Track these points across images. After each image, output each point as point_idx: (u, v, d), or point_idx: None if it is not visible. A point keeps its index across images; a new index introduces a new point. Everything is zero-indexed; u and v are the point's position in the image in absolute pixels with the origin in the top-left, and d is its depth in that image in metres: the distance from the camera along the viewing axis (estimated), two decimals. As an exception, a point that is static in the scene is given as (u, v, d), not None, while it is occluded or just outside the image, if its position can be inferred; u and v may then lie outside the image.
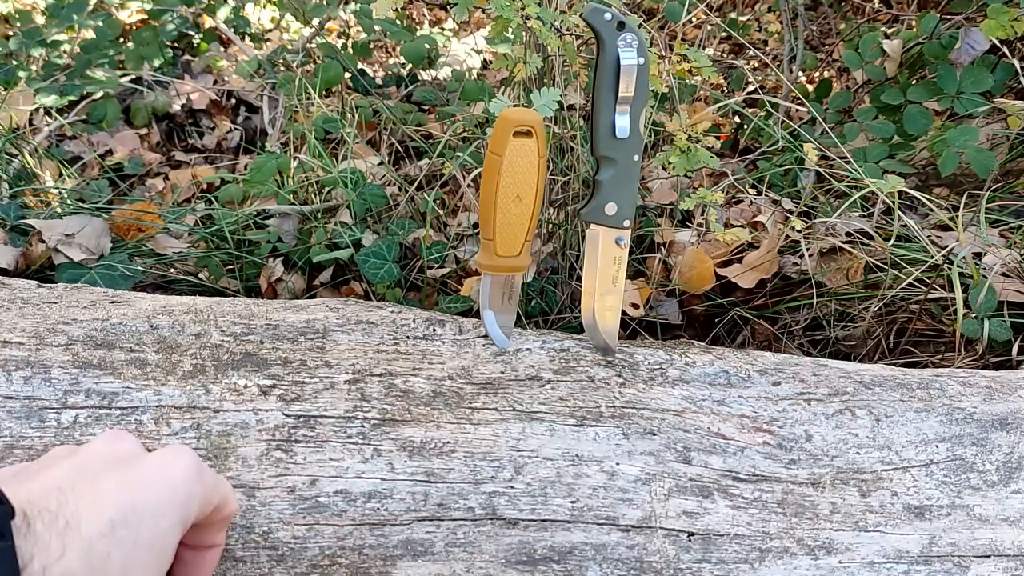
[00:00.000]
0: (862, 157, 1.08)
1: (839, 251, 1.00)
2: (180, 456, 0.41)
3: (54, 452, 0.42)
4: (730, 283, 1.02)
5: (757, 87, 1.38)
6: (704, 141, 0.87)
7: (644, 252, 1.05)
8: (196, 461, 0.42)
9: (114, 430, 0.45)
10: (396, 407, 0.56)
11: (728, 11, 1.71)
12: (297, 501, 0.51)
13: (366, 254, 0.99)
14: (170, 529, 0.38)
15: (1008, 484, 0.59)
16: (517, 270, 0.61)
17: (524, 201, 0.58)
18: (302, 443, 0.53)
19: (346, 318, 0.63)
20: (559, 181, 0.98)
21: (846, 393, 0.63)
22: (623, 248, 0.61)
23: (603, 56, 0.54)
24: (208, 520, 0.43)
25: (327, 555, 0.50)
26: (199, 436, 0.52)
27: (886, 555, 0.55)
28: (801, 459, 0.58)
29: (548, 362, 0.62)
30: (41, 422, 0.51)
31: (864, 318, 0.93)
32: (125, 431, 0.45)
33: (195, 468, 0.41)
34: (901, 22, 1.51)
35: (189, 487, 0.40)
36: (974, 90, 1.07)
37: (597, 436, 0.57)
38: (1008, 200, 1.04)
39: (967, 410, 0.63)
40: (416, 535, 0.51)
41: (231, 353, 0.58)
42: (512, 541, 0.52)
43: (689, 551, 0.53)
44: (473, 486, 0.53)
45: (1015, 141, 1.13)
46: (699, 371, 0.63)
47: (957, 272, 0.86)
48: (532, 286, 0.97)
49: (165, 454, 0.41)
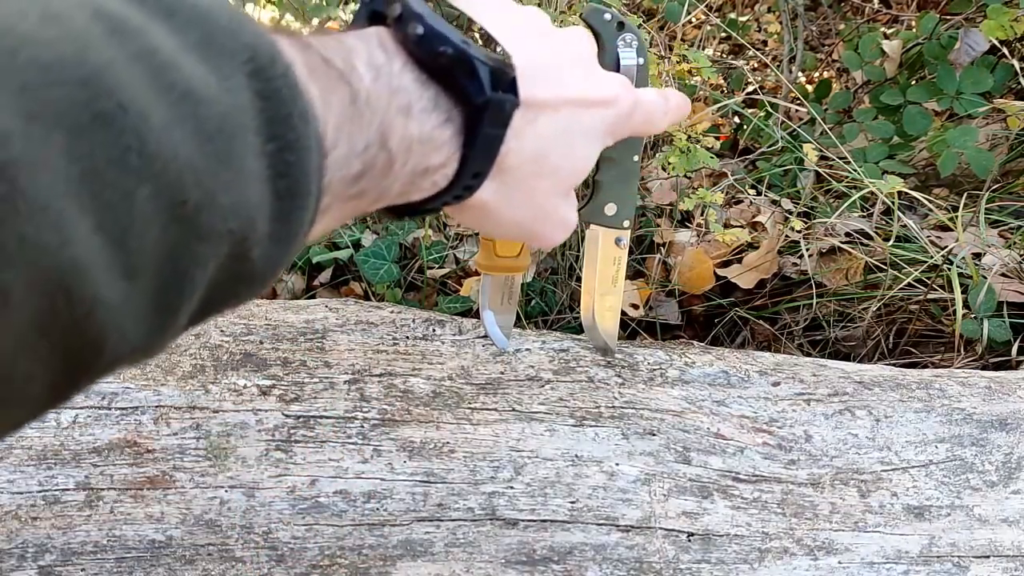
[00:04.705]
0: (862, 157, 1.08)
1: (839, 251, 1.00)
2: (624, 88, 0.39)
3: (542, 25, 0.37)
4: (730, 283, 1.02)
5: (757, 87, 1.38)
6: (704, 141, 0.87)
7: (644, 252, 1.05)
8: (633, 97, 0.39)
9: None
10: (396, 407, 0.56)
11: (728, 11, 1.71)
12: (297, 501, 0.51)
13: (366, 254, 0.99)
14: (596, 149, 0.38)
15: (1008, 484, 0.59)
16: (517, 270, 0.61)
17: (524, 201, 0.57)
18: (302, 443, 0.53)
19: (346, 318, 0.63)
20: (559, 181, 0.98)
21: (846, 393, 0.63)
22: (623, 248, 0.61)
23: (603, 56, 0.54)
24: None
25: (327, 555, 0.50)
26: (199, 436, 0.52)
27: (886, 555, 0.55)
28: (801, 459, 0.58)
29: (548, 362, 0.62)
30: (41, 422, 0.51)
31: (864, 318, 0.93)
32: None
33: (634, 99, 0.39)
34: (901, 22, 1.51)
35: (630, 122, 0.39)
36: (974, 90, 1.07)
37: (597, 436, 0.57)
38: (1007, 200, 1.04)
39: (967, 410, 0.63)
40: (416, 535, 0.51)
41: (231, 353, 0.58)
42: (512, 541, 0.52)
43: (688, 551, 0.53)
44: (473, 486, 0.53)
45: (1015, 141, 1.13)
46: (699, 371, 0.63)
47: (957, 272, 0.86)
48: (532, 286, 0.97)
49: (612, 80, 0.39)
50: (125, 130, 0.17)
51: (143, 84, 0.18)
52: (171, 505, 0.50)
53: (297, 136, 0.21)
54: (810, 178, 1.09)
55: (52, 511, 0.49)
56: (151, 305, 0.19)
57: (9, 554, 0.48)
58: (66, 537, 0.49)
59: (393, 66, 0.27)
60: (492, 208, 0.34)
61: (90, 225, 0.17)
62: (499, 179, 0.33)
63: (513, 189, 0.34)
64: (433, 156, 0.29)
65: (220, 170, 0.19)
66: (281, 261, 0.23)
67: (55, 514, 0.49)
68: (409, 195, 0.30)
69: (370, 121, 0.26)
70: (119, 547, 0.49)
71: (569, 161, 0.36)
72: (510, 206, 0.35)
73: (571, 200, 0.39)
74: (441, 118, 0.28)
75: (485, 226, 0.38)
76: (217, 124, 0.19)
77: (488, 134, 0.30)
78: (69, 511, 0.49)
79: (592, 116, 0.36)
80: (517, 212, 0.36)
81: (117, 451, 0.51)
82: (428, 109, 0.28)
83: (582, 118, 0.36)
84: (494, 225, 0.37)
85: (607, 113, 0.37)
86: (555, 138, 0.34)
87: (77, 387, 0.20)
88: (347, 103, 0.25)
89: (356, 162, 0.25)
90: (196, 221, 0.19)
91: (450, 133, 0.29)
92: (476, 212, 0.35)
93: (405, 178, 0.28)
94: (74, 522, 0.49)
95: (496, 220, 0.36)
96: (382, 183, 0.27)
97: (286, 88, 0.21)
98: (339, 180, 0.25)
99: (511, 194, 0.34)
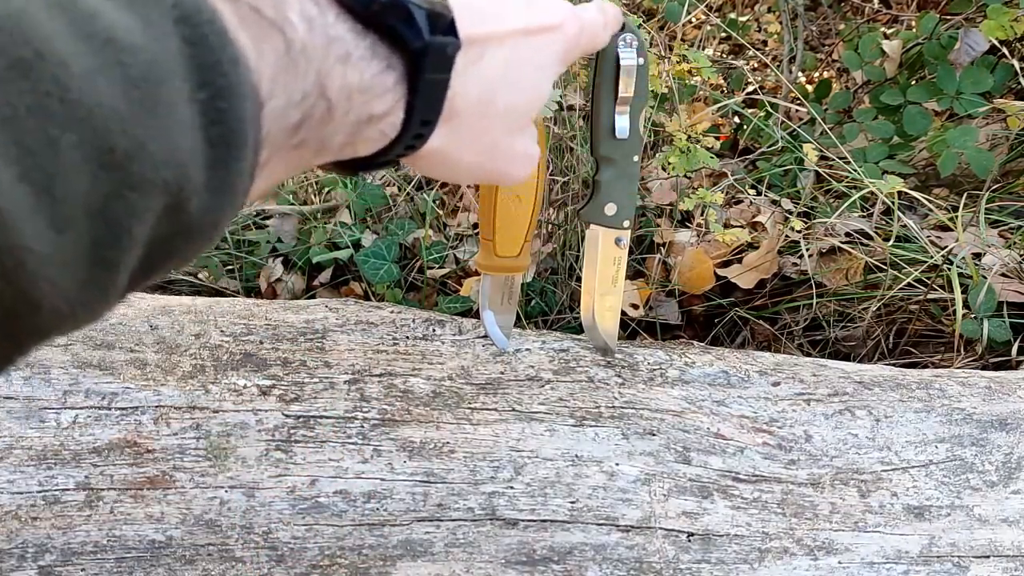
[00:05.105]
0: (862, 157, 1.08)
1: (839, 251, 1.00)
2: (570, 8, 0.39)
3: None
4: (730, 283, 1.02)
5: (757, 87, 1.38)
6: (703, 141, 0.87)
7: (644, 252, 1.05)
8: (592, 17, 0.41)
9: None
10: (396, 407, 0.56)
11: (728, 11, 1.71)
12: (297, 501, 0.51)
13: (366, 254, 0.99)
14: (550, 78, 0.38)
15: (1008, 484, 0.59)
16: (517, 270, 0.61)
17: (524, 201, 0.58)
18: (302, 443, 0.53)
19: (346, 318, 0.63)
20: (559, 181, 0.98)
21: (846, 393, 0.63)
22: (623, 248, 0.61)
23: (603, 56, 0.54)
24: None
25: (327, 555, 0.50)
26: (199, 436, 0.52)
27: (886, 555, 0.55)
28: (801, 459, 0.58)
29: (548, 362, 0.62)
30: (41, 422, 0.51)
31: (864, 318, 0.93)
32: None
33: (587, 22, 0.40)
34: (901, 22, 1.51)
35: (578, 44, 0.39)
36: (974, 90, 1.07)
37: (597, 436, 0.57)
38: (1007, 200, 1.04)
39: (967, 410, 0.63)
40: (416, 535, 0.51)
41: (231, 353, 0.58)
42: (512, 541, 0.52)
43: (688, 551, 0.53)
44: (473, 486, 0.53)
45: (1015, 141, 1.13)
46: (699, 371, 0.63)
47: (956, 272, 0.86)
48: (532, 286, 0.97)
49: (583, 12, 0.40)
50: (44, 77, 0.17)
51: (63, 32, 0.18)
52: (171, 505, 0.50)
53: (228, 83, 0.21)
54: (810, 178, 1.09)
55: (52, 511, 0.49)
56: (87, 258, 0.19)
57: (9, 554, 0.48)
58: (66, 537, 0.49)
59: (327, 17, 0.26)
60: (447, 154, 0.34)
61: (14, 174, 0.17)
62: (449, 124, 0.32)
63: (465, 132, 0.34)
64: (376, 104, 0.28)
65: (148, 118, 0.19)
66: (221, 213, 0.23)
67: (55, 514, 0.49)
68: (357, 147, 0.30)
69: (306, 70, 0.25)
70: (119, 547, 0.49)
71: (521, 95, 0.36)
72: (465, 149, 0.35)
73: (529, 133, 0.39)
74: (381, 65, 0.28)
75: (443, 172, 0.37)
76: (143, 71, 0.19)
77: (431, 80, 0.29)
78: (69, 511, 0.49)
79: (540, 45, 0.36)
80: (473, 155, 0.35)
81: (117, 451, 0.51)
82: (367, 57, 0.27)
83: (529, 48, 0.35)
84: (451, 171, 0.36)
85: (555, 39, 0.37)
86: (503, 74, 0.34)
87: (20, 348, 0.20)
88: (281, 52, 0.24)
89: (294, 112, 0.25)
90: (127, 170, 0.19)
91: (392, 80, 0.28)
92: (432, 160, 0.34)
93: (349, 128, 0.28)
94: (74, 522, 0.49)
95: (453, 165, 0.36)
96: (322, 132, 0.27)
97: (213, 35, 0.21)
98: (278, 131, 0.25)
99: (464, 137, 0.34)
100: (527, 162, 0.40)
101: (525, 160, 0.39)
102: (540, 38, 0.36)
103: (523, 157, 0.39)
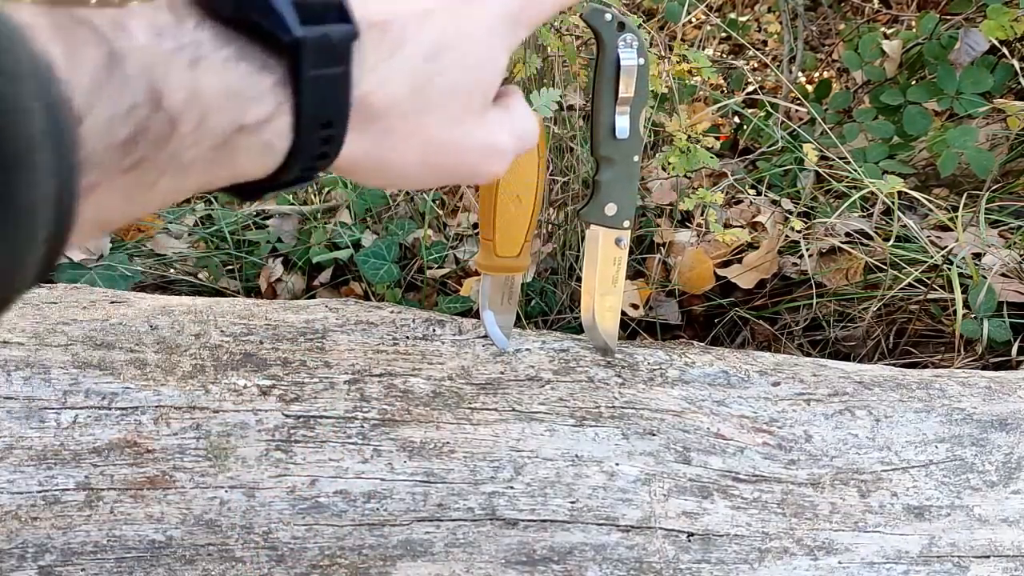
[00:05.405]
0: (862, 157, 1.08)
1: (839, 251, 1.00)
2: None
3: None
4: (730, 283, 1.02)
5: (757, 87, 1.38)
6: (704, 141, 0.87)
7: (644, 252, 1.05)
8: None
9: None
10: (396, 407, 0.56)
11: (728, 11, 1.71)
12: (297, 501, 0.51)
13: (366, 254, 0.99)
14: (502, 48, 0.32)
15: (1008, 484, 0.59)
16: (517, 270, 0.61)
17: (524, 201, 0.58)
18: (302, 443, 0.53)
19: (346, 318, 0.63)
20: (559, 181, 0.98)
21: (846, 393, 0.63)
22: (623, 248, 0.61)
23: (603, 56, 0.54)
24: None
25: (327, 555, 0.50)
26: (199, 436, 0.52)
27: (886, 555, 0.55)
28: (801, 459, 0.58)
29: (548, 362, 0.62)
30: (41, 422, 0.51)
31: (864, 318, 0.93)
32: None
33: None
34: (901, 22, 1.51)
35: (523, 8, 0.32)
36: (974, 90, 1.07)
37: (597, 436, 0.57)
38: (1008, 200, 1.04)
39: (967, 410, 0.63)
40: (416, 535, 0.51)
41: (231, 353, 0.58)
42: (512, 541, 0.52)
43: (688, 551, 0.53)
44: (473, 486, 0.53)
45: (1015, 142, 1.13)
46: (699, 371, 0.63)
47: (956, 272, 0.86)
48: (532, 286, 0.97)
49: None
50: None
51: None
52: (171, 505, 0.50)
53: None
54: (810, 178, 1.09)
55: (52, 511, 0.49)
56: None
57: (9, 554, 0.48)
58: (66, 537, 0.49)
59: (184, 25, 0.24)
60: (383, 160, 0.29)
61: None
62: (374, 126, 0.28)
63: (400, 132, 0.29)
64: (249, 111, 0.25)
65: None
66: (10, 253, 0.19)
67: (55, 514, 0.49)
68: (237, 164, 0.26)
69: (136, 79, 0.22)
70: (119, 547, 0.49)
71: (466, 74, 0.30)
72: (406, 153, 0.30)
73: (491, 118, 0.33)
74: (253, 67, 0.25)
75: (392, 181, 0.32)
76: None
77: (318, 76, 0.25)
78: (69, 511, 0.49)
79: (482, 8, 0.31)
80: (418, 156, 0.30)
81: (117, 451, 0.51)
82: (232, 59, 0.24)
83: (464, 17, 0.30)
84: (400, 178, 0.32)
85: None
86: (435, 54, 0.29)
87: None
88: (102, 63, 0.22)
89: (122, 127, 0.22)
90: None
91: (270, 83, 0.25)
92: (367, 170, 0.30)
93: (209, 141, 0.25)
94: (74, 522, 0.49)
95: (399, 173, 0.31)
96: (166, 149, 0.24)
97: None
98: (105, 149, 0.22)
99: (399, 139, 0.29)
100: (494, 154, 0.33)
101: (490, 152, 0.33)
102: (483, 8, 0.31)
103: (486, 149, 0.33)
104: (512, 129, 0.34)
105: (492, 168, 0.34)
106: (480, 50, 0.30)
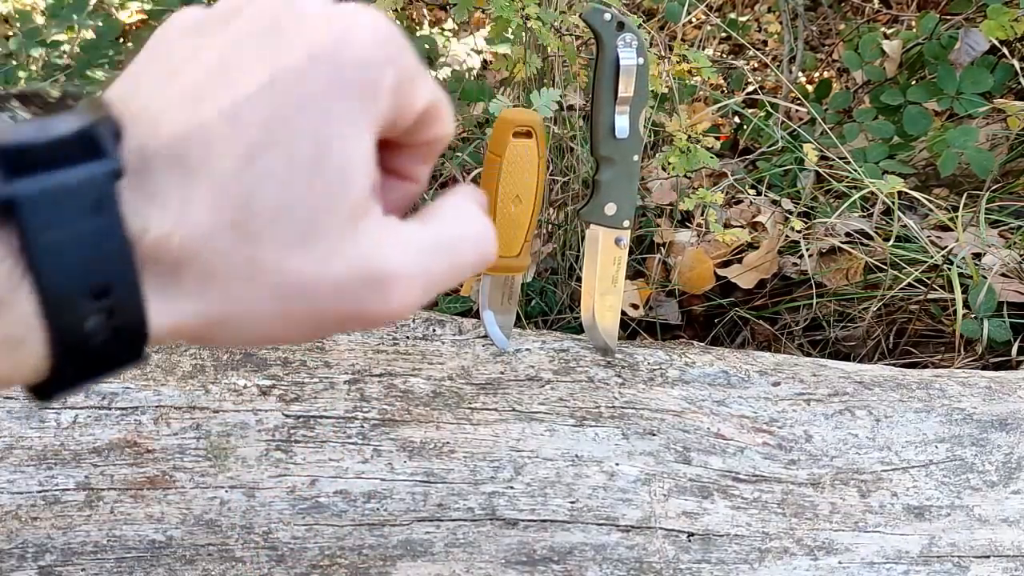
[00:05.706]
0: (862, 157, 1.08)
1: (839, 251, 1.00)
2: (357, 18, 0.23)
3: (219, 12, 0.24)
4: (730, 283, 1.02)
5: (757, 87, 1.38)
6: (704, 141, 0.87)
7: (644, 252, 1.05)
8: (386, 27, 0.23)
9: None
10: (396, 407, 0.56)
11: (728, 11, 1.71)
12: (297, 501, 0.51)
13: (366, 254, 0.98)
14: (354, 135, 0.22)
15: (1008, 484, 0.59)
16: (517, 270, 0.61)
17: (524, 201, 0.58)
18: (302, 443, 0.53)
19: (346, 318, 0.63)
20: (559, 181, 0.98)
21: (846, 393, 0.63)
22: (623, 248, 0.61)
23: (603, 56, 0.54)
24: (408, 136, 0.25)
25: (327, 555, 0.50)
26: (199, 436, 0.52)
27: (886, 555, 0.55)
28: (801, 459, 0.58)
29: (548, 362, 0.62)
30: (41, 422, 0.51)
31: (864, 318, 0.93)
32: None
33: (383, 35, 0.23)
34: (901, 22, 1.51)
35: (373, 60, 0.22)
36: (974, 90, 1.07)
37: (597, 436, 0.57)
38: (1008, 200, 1.04)
39: (967, 410, 0.63)
40: (416, 535, 0.51)
41: (231, 353, 0.58)
42: (512, 541, 0.52)
43: (689, 551, 0.53)
44: (473, 486, 0.53)
45: (1015, 141, 1.13)
46: (699, 371, 0.63)
47: (957, 272, 0.86)
48: (532, 286, 0.97)
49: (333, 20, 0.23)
50: None
51: None
52: (171, 505, 0.50)
53: None
54: (810, 178, 1.09)
55: (52, 511, 0.49)
56: None
57: (9, 554, 0.48)
58: (66, 537, 0.49)
59: None
60: (231, 320, 0.22)
61: None
62: (190, 279, 0.21)
63: (231, 279, 0.21)
64: None
65: None
66: None
67: (55, 514, 0.49)
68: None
69: None
70: (119, 547, 0.49)
71: (305, 175, 0.21)
72: (254, 304, 0.22)
73: (370, 232, 0.23)
74: None
75: (257, 341, 0.23)
76: None
77: (61, 238, 0.19)
78: (69, 511, 0.49)
79: (321, 78, 0.22)
80: (273, 306, 0.22)
81: (117, 451, 0.51)
82: None
83: (302, 94, 0.21)
84: (265, 338, 0.23)
85: (332, 69, 0.22)
86: (255, 159, 0.21)
87: None
88: None
89: None
90: None
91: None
92: (219, 336, 0.22)
93: None
94: (74, 522, 0.49)
95: (262, 332, 0.23)
96: None
97: None
98: None
99: (236, 288, 0.21)
100: (382, 283, 0.23)
101: (372, 282, 0.23)
102: (308, 82, 0.21)
103: (365, 278, 0.22)
104: (423, 246, 0.24)
105: (388, 305, 0.23)
106: (321, 138, 0.21)
